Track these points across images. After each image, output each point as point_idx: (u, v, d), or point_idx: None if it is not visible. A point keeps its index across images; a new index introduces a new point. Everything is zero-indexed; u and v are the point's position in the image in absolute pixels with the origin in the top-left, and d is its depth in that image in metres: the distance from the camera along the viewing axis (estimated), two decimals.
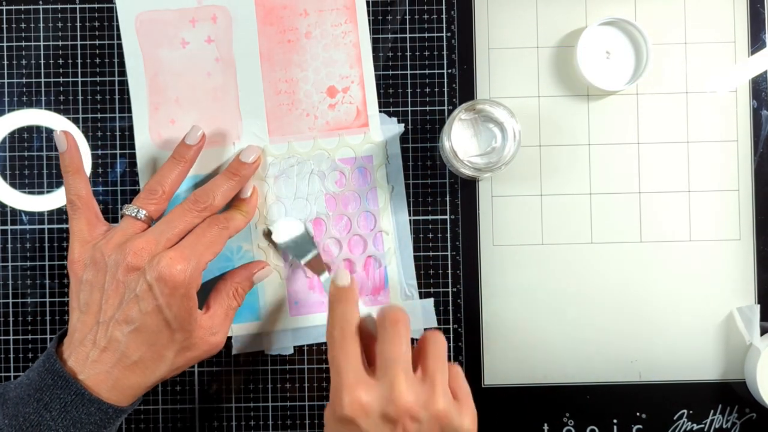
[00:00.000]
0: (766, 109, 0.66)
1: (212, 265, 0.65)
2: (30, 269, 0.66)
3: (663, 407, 0.65)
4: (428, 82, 0.66)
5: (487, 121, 0.60)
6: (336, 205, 0.66)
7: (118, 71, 0.66)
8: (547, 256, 0.66)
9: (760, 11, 0.66)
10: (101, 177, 0.66)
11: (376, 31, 0.66)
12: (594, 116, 0.66)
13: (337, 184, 0.66)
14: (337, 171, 0.66)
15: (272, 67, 0.66)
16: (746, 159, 0.66)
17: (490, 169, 0.60)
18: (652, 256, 0.65)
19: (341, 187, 0.66)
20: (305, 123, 0.66)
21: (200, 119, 0.65)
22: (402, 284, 0.66)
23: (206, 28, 0.65)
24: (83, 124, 0.66)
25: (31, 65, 0.66)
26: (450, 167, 0.64)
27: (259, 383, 0.66)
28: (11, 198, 0.66)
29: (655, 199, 0.66)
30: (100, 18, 0.66)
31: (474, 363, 0.66)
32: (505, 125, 0.60)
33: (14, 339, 0.66)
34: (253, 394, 0.66)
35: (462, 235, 0.66)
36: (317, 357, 0.66)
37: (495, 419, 0.66)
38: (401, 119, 0.66)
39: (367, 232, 0.66)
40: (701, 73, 0.66)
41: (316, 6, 0.65)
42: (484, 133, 0.61)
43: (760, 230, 0.66)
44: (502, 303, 0.66)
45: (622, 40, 0.64)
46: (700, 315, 0.66)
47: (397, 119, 0.66)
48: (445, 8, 0.66)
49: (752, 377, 0.63)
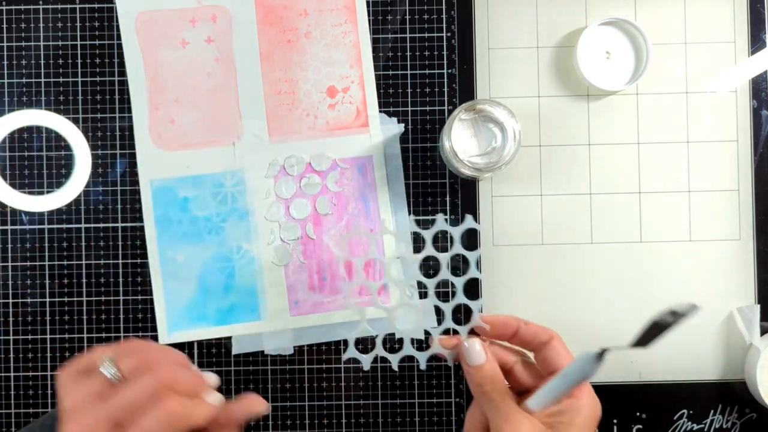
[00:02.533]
0: (766, 109, 0.66)
1: (212, 265, 0.65)
2: (30, 269, 0.66)
3: (663, 407, 0.65)
4: (428, 82, 0.66)
5: (487, 121, 0.60)
6: (336, 205, 0.66)
7: (118, 71, 0.66)
8: (547, 256, 0.66)
9: (760, 11, 0.66)
10: (101, 177, 0.66)
11: (376, 31, 0.66)
12: (594, 116, 0.66)
13: (337, 184, 0.66)
14: (337, 171, 0.66)
15: (272, 67, 0.66)
16: (746, 159, 0.66)
17: (490, 169, 0.60)
18: (652, 256, 0.65)
19: (341, 187, 0.66)
20: (305, 123, 0.66)
21: (200, 119, 0.65)
22: (402, 284, 0.65)
23: (206, 28, 0.65)
24: (83, 124, 0.66)
25: (31, 65, 0.66)
26: (450, 167, 0.64)
27: (259, 383, 0.66)
28: (11, 198, 0.66)
29: (655, 199, 0.66)
30: (100, 18, 0.66)
31: None
32: (505, 125, 0.60)
33: (14, 339, 0.66)
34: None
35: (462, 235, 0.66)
36: (317, 357, 0.66)
37: None
38: (401, 119, 0.66)
39: (367, 232, 0.66)
40: (701, 73, 0.66)
41: (316, 6, 0.65)
42: (484, 133, 0.61)
43: (760, 230, 0.66)
44: (502, 303, 0.66)
45: (622, 40, 0.64)
46: (700, 315, 0.65)
47: (397, 119, 0.66)
48: (445, 8, 0.66)
49: (752, 377, 0.63)
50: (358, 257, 0.66)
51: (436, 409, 0.66)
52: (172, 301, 0.65)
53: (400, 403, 0.66)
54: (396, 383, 0.66)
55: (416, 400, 0.66)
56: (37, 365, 0.65)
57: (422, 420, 0.66)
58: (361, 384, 0.66)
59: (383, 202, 0.66)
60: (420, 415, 0.66)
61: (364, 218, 0.66)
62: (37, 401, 0.65)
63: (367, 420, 0.66)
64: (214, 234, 0.66)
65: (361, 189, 0.66)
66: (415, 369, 0.66)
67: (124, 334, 0.66)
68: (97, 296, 0.66)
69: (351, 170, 0.66)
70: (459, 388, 0.66)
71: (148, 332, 0.66)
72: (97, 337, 0.66)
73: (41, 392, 0.65)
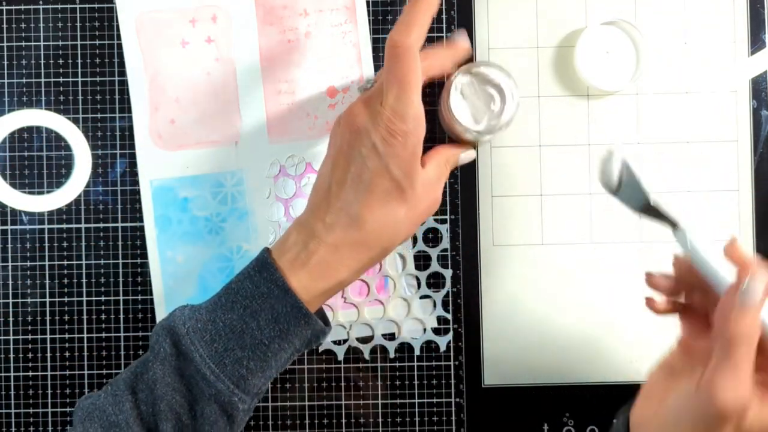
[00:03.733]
0: (766, 109, 0.66)
1: (212, 265, 0.65)
2: (30, 269, 0.66)
3: None
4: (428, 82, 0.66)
5: (484, 83, 0.60)
6: None
7: (118, 71, 0.66)
8: (547, 256, 0.66)
9: (760, 11, 0.66)
10: (101, 177, 0.66)
11: (376, 31, 0.66)
12: (594, 116, 0.66)
13: None
14: None
15: (272, 67, 0.66)
16: (746, 159, 0.66)
17: (490, 131, 0.60)
18: (652, 255, 0.65)
19: None
20: (305, 123, 0.66)
21: (200, 119, 0.65)
22: (402, 283, 0.66)
23: (206, 28, 0.65)
24: (83, 124, 0.66)
25: (31, 65, 0.66)
26: (449, 133, 0.64)
27: None
28: (11, 198, 0.66)
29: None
30: (100, 18, 0.66)
31: (474, 363, 0.66)
32: (503, 87, 0.59)
33: (14, 339, 0.66)
34: None
35: (462, 235, 0.66)
36: (317, 357, 0.66)
37: (495, 419, 0.66)
38: None
39: None
40: (701, 73, 0.66)
41: (316, 6, 0.65)
42: (481, 95, 0.60)
43: (760, 230, 0.66)
44: (502, 303, 0.66)
45: (622, 40, 0.64)
46: None
47: None
48: (445, 8, 0.66)
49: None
50: None
51: (436, 409, 0.66)
52: (172, 301, 0.65)
53: (400, 403, 0.66)
54: (396, 383, 0.66)
55: (416, 400, 0.66)
56: (37, 365, 0.65)
57: (422, 420, 0.66)
58: (361, 384, 0.66)
59: None
60: (420, 415, 0.66)
61: None
62: (37, 401, 0.65)
63: (367, 420, 0.66)
64: (214, 234, 0.66)
65: None
66: (415, 369, 0.66)
67: (124, 334, 0.66)
68: (97, 296, 0.66)
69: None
70: (459, 388, 0.66)
71: (148, 332, 0.65)
72: (96, 337, 0.66)
73: (41, 392, 0.65)
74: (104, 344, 0.66)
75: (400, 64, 0.53)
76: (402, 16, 0.54)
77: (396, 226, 0.55)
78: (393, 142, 0.53)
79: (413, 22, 0.53)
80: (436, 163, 0.58)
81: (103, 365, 0.65)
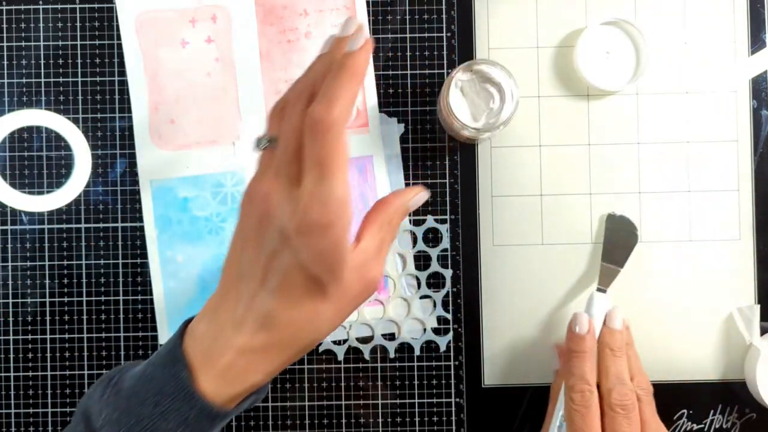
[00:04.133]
0: (766, 109, 0.66)
1: (212, 265, 0.65)
2: (30, 269, 0.66)
3: (663, 407, 0.65)
4: (428, 82, 0.66)
5: (484, 81, 0.60)
6: None
7: (118, 71, 0.66)
8: (547, 256, 0.66)
9: (760, 11, 0.66)
10: (101, 177, 0.66)
11: (376, 31, 0.66)
12: (594, 116, 0.66)
13: None
14: None
15: (272, 67, 0.66)
16: (746, 159, 0.66)
17: (489, 128, 0.60)
18: (651, 255, 0.65)
19: None
20: None
21: (200, 119, 0.65)
22: (402, 283, 0.66)
23: (206, 28, 0.65)
24: (83, 124, 0.66)
25: (31, 65, 0.66)
26: (447, 131, 0.64)
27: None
28: (11, 198, 0.66)
29: (655, 199, 0.66)
30: (100, 18, 0.66)
31: (474, 363, 0.66)
32: (503, 85, 0.60)
33: (14, 339, 0.66)
34: None
35: (462, 235, 0.66)
36: (317, 357, 0.66)
37: (495, 419, 0.66)
38: (401, 119, 0.66)
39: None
40: (701, 73, 0.66)
41: (316, 6, 0.65)
42: (481, 93, 0.60)
43: (760, 230, 0.66)
44: (502, 303, 0.66)
45: (622, 40, 0.64)
46: (700, 315, 0.66)
47: (397, 119, 0.66)
48: (445, 8, 0.66)
49: (752, 377, 0.63)
50: None
51: (436, 409, 0.66)
52: (172, 301, 0.65)
53: (400, 403, 0.66)
54: (396, 383, 0.66)
55: (416, 400, 0.66)
56: (37, 365, 0.65)
57: (422, 420, 0.66)
58: (361, 384, 0.66)
59: None
60: (420, 415, 0.66)
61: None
62: (37, 401, 0.65)
63: (367, 420, 0.66)
64: (214, 234, 0.66)
65: (361, 189, 0.66)
66: (415, 369, 0.66)
67: (124, 334, 0.66)
68: (97, 296, 0.66)
69: (351, 170, 0.66)
70: (459, 388, 0.66)
71: (148, 332, 0.66)
72: (96, 337, 0.66)
73: (41, 392, 0.65)
74: (104, 344, 0.66)
75: (322, 143, 0.44)
76: (323, 89, 0.46)
77: (316, 323, 0.47)
78: (310, 235, 0.45)
79: (336, 95, 0.45)
80: (375, 231, 0.49)
81: (103, 365, 0.66)
